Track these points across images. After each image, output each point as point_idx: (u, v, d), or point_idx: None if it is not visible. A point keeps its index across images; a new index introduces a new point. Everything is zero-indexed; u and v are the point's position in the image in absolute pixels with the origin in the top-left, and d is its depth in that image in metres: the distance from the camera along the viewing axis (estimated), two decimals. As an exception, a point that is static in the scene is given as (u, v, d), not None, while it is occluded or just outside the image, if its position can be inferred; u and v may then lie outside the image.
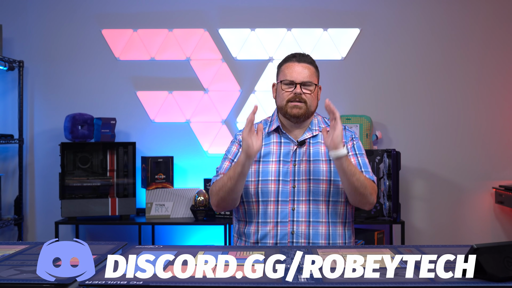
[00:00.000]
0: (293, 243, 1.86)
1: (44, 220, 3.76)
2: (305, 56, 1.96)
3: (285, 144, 1.94)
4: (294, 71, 1.91)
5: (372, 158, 3.36)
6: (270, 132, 1.97)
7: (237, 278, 1.29)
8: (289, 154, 1.93)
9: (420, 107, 3.76)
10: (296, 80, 1.90)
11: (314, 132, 1.96)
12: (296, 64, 1.93)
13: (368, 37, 3.77)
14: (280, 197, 1.88)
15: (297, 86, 1.89)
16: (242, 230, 1.96)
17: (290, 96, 1.90)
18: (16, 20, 3.77)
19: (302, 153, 1.92)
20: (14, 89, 3.76)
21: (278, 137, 1.96)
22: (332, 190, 1.90)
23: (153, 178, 3.52)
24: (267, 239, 1.88)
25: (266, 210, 1.89)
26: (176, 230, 3.77)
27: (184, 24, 3.79)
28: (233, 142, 2.02)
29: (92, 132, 3.48)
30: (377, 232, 3.42)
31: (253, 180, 1.91)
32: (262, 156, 1.93)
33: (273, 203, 1.88)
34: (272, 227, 1.88)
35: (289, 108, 1.90)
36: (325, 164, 1.91)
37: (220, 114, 3.79)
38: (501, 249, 1.26)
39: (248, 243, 1.92)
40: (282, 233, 1.87)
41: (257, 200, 1.90)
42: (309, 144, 1.94)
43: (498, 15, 3.77)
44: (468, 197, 3.76)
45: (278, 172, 1.90)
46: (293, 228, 1.87)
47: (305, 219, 1.87)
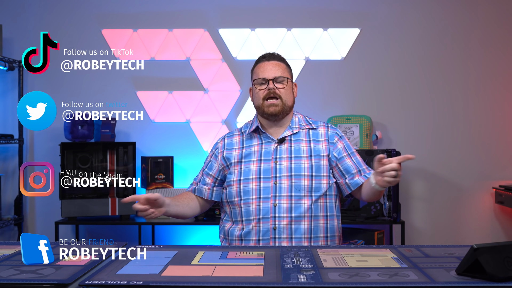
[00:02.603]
0: (275, 239, 1.89)
1: (44, 220, 3.76)
2: (274, 54, 2.04)
3: (266, 144, 1.99)
4: (265, 69, 1.98)
5: (372, 158, 3.36)
6: (251, 133, 2.02)
7: (237, 278, 1.29)
8: (269, 152, 1.96)
9: (420, 107, 3.76)
10: (268, 76, 1.96)
11: (294, 130, 1.99)
12: (267, 63, 2.00)
13: (368, 37, 3.77)
14: (262, 194, 1.91)
15: (269, 82, 1.95)
16: (227, 229, 1.99)
17: (265, 93, 1.95)
18: (16, 20, 3.77)
19: (283, 150, 1.96)
20: (14, 89, 3.76)
21: (259, 138, 2.01)
22: (314, 185, 1.93)
23: (153, 178, 3.52)
24: (250, 236, 1.91)
25: (249, 208, 1.92)
26: (176, 230, 3.77)
27: (184, 24, 3.79)
28: (210, 151, 2.10)
29: (92, 132, 3.48)
30: (377, 232, 3.42)
31: (235, 180, 1.96)
32: (244, 157, 1.98)
33: (255, 201, 1.91)
34: (254, 224, 1.91)
35: (266, 107, 1.95)
36: (307, 160, 1.95)
37: (220, 114, 3.79)
38: (501, 249, 1.26)
39: (233, 242, 1.95)
40: (264, 230, 1.90)
41: (240, 199, 1.94)
42: (290, 142, 1.98)
43: (498, 15, 3.77)
44: (468, 197, 3.76)
45: (259, 170, 1.94)
46: (275, 224, 1.89)
47: (287, 214, 1.89)
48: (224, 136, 2.09)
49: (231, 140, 2.06)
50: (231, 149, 2.01)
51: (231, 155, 2.00)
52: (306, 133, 2.00)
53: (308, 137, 1.99)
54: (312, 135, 2.00)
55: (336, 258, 1.52)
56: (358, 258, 1.51)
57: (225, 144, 2.05)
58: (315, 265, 1.43)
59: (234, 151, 2.01)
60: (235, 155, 2.00)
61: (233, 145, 2.03)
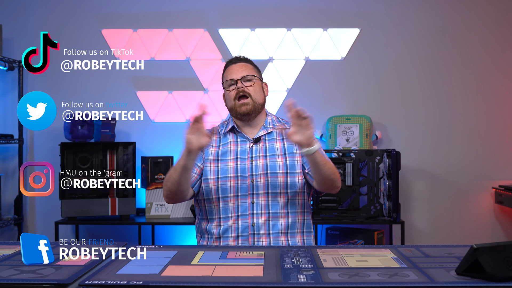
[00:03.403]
0: (254, 235, 1.93)
1: (44, 220, 3.76)
2: (240, 57, 2.10)
3: (241, 143, 2.03)
4: (232, 71, 2.04)
5: (372, 158, 3.36)
6: (227, 132, 2.06)
7: (237, 278, 1.29)
8: (245, 151, 2.01)
9: (420, 107, 3.76)
10: (236, 77, 2.01)
11: (268, 129, 2.04)
12: (233, 65, 2.06)
13: (368, 37, 3.77)
14: (240, 192, 1.95)
15: (237, 81, 2.01)
16: (204, 227, 2.01)
17: (235, 92, 2.01)
18: (16, 20, 3.77)
19: (258, 149, 2.01)
20: (14, 89, 3.76)
21: (235, 137, 2.05)
22: (290, 182, 1.97)
23: (153, 178, 3.52)
24: (229, 233, 1.94)
25: (227, 206, 1.95)
26: (176, 230, 3.77)
27: (184, 24, 3.79)
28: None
29: (92, 132, 3.48)
30: (377, 232, 3.42)
31: (212, 178, 1.98)
32: (220, 155, 2.02)
33: (233, 198, 1.95)
34: (233, 221, 1.94)
35: (238, 107, 2.01)
36: (281, 158, 2.00)
37: (220, 114, 3.79)
38: (501, 249, 1.26)
39: (211, 240, 1.97)
40: (243, 226, 1.93)
41: (217, 197, 1.96)
42: (265, 141, 2.03)
43: (498, 15, 3.77)
44: (468, 197, 3.76)
45: (236, 168, 1.98)
46: (253, 221, 1.94)
47: (265, 211, 1.94)
48: None
49: None
50: (208, 146, 2.00)
51: (208, 152, 2.03)
52: (279, 133, 2.05)
53: (281, 136, 2.04)
54: (286, 134, 2.01)
55: (336, 258, 1.52)
56: (358, 258, 1.51)
57: None
58: (315, 265, 1.43)
59: (211, 148, 2.04)
60: (211, 152, 2.03)
61: (211, 143, 2.03)
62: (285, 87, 3.79)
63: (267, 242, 1.92)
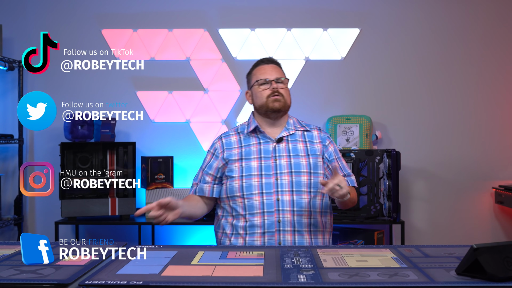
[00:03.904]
0: (279, 231, 1.96)
1: (44, 220, 3.76)
2: (272, 59, 2.16)
3: (264, 143, 2.08)
4: (266, 71, 2.09)
5: (372, 158, 3.36)
6: (249, 133, 2.10)
7: (237, 278, 1.29)
8: (269, 151, 2.06)
9: (420, 107, 3.76)
10: (270, 77, 2.07)
11: (291, 131, 2.10)
12: (266, 65, 2.12)
13: (368, 37, 3.77)
14: (265, 189, 1.99)
15: (272, 82, 2.06)
16: (230, 223, 2.04)
17: (269, 92, 2.06)
18: (16, 20, 3.77)
19: (282, 149, 2.06)
20: (14, 89, 3.76)
21: (257, 137, 2.10)
22: (313, 181, 2.03)
23: (153, 178, 3.52)
24: (255, 229, 1.98)
25: (252, 203, 1.99)
26: (176, 230, 3.77)
27: (184, 24, 3.79)
28: (208, 152, 2.15)
29: (92, 132, 3.48)
30: (377, 232, 3.42)
31: (237, 176, 2.03)
32: (244, 155, 2.06)
33: (258, 196, 1.99)
34: (259, 218, 1.98)
35: (270, 102, 2.05)
36: (305, 158, 2.06)
37: (220, 114, 3.79)
38: (501, 249, 1.26)
39: (237, 236, 2.00)
40: (269, 223, 1.97)
41: (242, 195, 2.00)
42: (288, 142, 2.08)
43: (498, 15, 3.77)
44: (468, 197, 3.76)
45: (260, 167, 2.02)
46: (279, 217, 1.97)
47: (290, 208, 1.98)
48: (221, 136, 2.15)
49: (228, 139, 2.12)
50: (231, 148, 2.08)
51: (231, 154, 2.07)
52: (301, 135, 2.11)
53: (304, 138, 2.10)
54: (307, 136, 2.11)
55: (336, 258, 1.52)
56: (358, 258, 1.51)
57: (223, 144, 2.12)
58: (315, 265, 1.43)
59: (234, 150, 2.08)
60: (235, 153, 2.07)
61: (232, 144, 2.10)
62: (285, 87, 3.78)
63: (292, 239, 1.96)
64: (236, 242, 2.00)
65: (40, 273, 1.35)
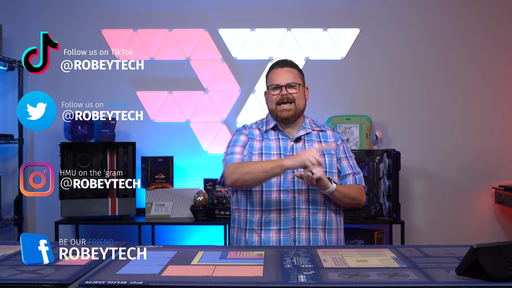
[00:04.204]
0: (295, 228, 2.00)
1: (44, 220, 3.76)
2: (287, 61, 2.16)
3: (283, 140, 2.11)
4: (278, 76, 2.11)
5: (372, 158, 3.36)
6: (268, 129, 2.13)
7: (237, 278, 1.29)
8: (287, 148, 2.09)
9: (420, 107, 3.76)
10: (281, 83, 2.09)
11: (308, 130, 2.14)
12: (280, 69, 2.12)
13: (368, 37, 3.77)
14: (282, 187, 2.03)
15: (282, 88, 2.08)
16: (244, 218, 2.07)
17: (278, 98, 2.09)
18: (16, 20, 3.77)
19: (299, 148, 2.09)
20: (14, 89, 3.76)
21: (276, 134, 2.13)
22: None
23: (153, 178, 3.52)
24: (271, 225, 2.01)
25: (270, 199, 2.03)
26: (176, 230, 3.77)
27: (184, 24, 3.79)
28: (240, 133, 2.15)
29: (92, 132, 3.48)
30: (377, 232, 3.42)
31: None
32: (264, 149, 2.09)
33: (276, 193, 2.03)
34: (275, 214, 2.01)
35: (279, 111, 2.09)
36: (320, 157, 2.04)
37: (220, 114, 3.79)
38: (501, 249, 1.26)
39: (252, 231, 2.02)
40: (285, 220, 2.01)
41: (261, 190, 2.04)
42: (304, 141, 2.12)
43: (498, 15, 3.77)
44: (468, 197, 3.76)
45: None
46: (295, 215, 2.01)
47: (305, 206, 2.02)
48: (245, 126, 2.19)
49: (252, 131, 2.16)
50: (253, 140, 2.12)
51: (253, 146, 2.11)
52: (317, 135, 2.15)
53: (319, 138, 2.14)
54: (322, 136, 2.15)
55: (336, 258, 1.52)
56: (358, 258, 1.51)
57: (249, 133, 2.15)
58: (315, 265, 1.43)
59: (255, 142, 2.11)
60: (256, 147, 2.11)
61: (254, 136, 2.13)
62: (285, 87, 3.78)
63: (306, 237, 1.99)
64: (251, 238, 2.03)
65: (40, 273, 1.35)
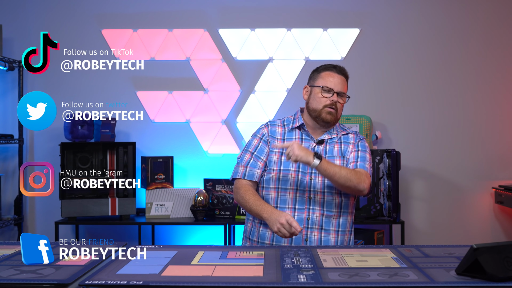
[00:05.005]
0: (308, 228, 2.01)
1: (44, 220, 3.76)
2: (344, 70, 2.18)
3: (305, 141, 2.12)
4: (334, 80, 2.11)
5: (372, 158, 3.36)
6: (293, 128, 2.14)
7: (237, 278, 1.29)
8: (308, 149, 2.06)
9: (420, 107, 3.76)
10: (335, 89, 2.09)
11: (332, 135, 2.14)
12: (337, 75, 2.13)
13: (368, 37, 3.77)
14: (299, 186, 2.04)
15: (334, 94, 2.09)
16: None
17: (328, 102, 2.08)
18: (16, 20, 3.77)
19: (320, 150, 2.10)
20: (14, 89, 3.76)
21: (300, 134, 2.14)
22: None
23: (153, 178, 3.52)
24: None
25: (285, 197, 2.05)
26: (176, 230, 3.77)
27: (184, 24, 3.79)
28: (255, 136, 2.16)
29: (92, 132, 3.48)
30: (377, 232, 3.42)
31: (275, 169, 2.07)
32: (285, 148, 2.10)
33: (292, 191, 2.04)
34: (290, 212, 2.02)
35: (324, 113, 2.08)
36: (339, 159, 2.10)
37: (220, 114, 3.79)
38: (501, 249, 1.26)
39: (266, 225, 2.01)
40: (299, 219, 2.01)
41: (277, 187, 2.06)
42: (326, 144, 2.12)
43: (498, 14, 3.77)
44: (468, 197, 3.76)
45: (298, 163, 2.04)
46: (309, 215, 2.02)
47: (320, 207, 2.03)
48: (268, 124, 2.18)
49: (274, 129, 2.15)
50: (274, 138, 2.12)
51: (273, 143, 2.11)
52: (339, 137, 2.16)
53: (340, 140, 2.14)
54: (343, 138, 2.15)
55: (336, 258, 1.52)
56: (358, 258, 1.51)
57: (269, 131, 2.15)
58: (315, 265, 1.43)
59: (276, 141, 2.11)
60: (277, 145, 2.11)
61: (276, 134, 2.13)
62: (285, 87, 3.79)
63: (318, 237, 2.00)
64: (265, 231, 2.03)
65: (40, 273, 1.35)
